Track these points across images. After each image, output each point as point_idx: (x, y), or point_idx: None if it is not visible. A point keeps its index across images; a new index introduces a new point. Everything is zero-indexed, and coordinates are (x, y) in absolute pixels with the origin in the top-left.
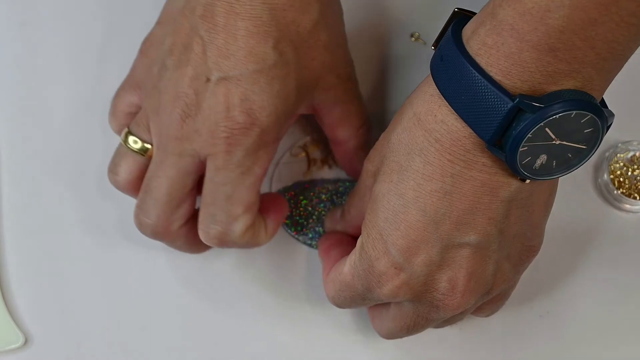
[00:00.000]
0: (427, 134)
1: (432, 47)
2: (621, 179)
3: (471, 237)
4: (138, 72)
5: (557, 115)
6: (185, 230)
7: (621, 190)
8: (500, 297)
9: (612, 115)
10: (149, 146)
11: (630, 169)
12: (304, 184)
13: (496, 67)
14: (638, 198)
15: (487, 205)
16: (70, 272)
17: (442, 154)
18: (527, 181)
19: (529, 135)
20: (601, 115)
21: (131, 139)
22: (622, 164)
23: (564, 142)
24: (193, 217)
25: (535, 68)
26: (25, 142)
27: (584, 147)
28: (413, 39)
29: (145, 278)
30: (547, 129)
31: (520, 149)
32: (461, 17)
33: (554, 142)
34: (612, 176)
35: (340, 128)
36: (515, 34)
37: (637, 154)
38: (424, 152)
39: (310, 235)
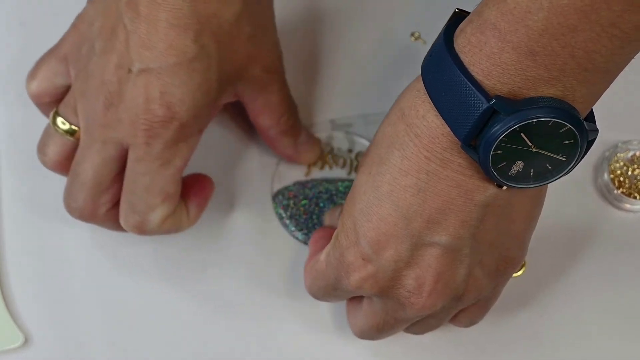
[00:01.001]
0: (408, 128)
1: None
2: (621, 179)
3: (442, 237)
4: (68, 45)
5: (533, 121)
6: (112, 214)
7: (621, 189)
8: (480, 307)
9: (595, 130)
10: (76, 128)
11: (630, 169)
12: (304, 184)
13: (478, 66)
14: (638, 198)
15: (461, 207)
16: (70, 272)
17: (420, 150)
18: (504, 188)
19: (503, 137)
20: (581, 128)
21: (59, 120)
22: (622, 163)
23: (541, 151)
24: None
25: (515, 71)
26: (25, 142)
27: (564, 159)
28: (413, 38)
29: (146, 278)
30: (522, 134)
31: (494, 152)
32: (459, 18)
33: (530, 149)
34: (612, 176)
35: (262, 117)
36: (497, 34)
37: (637, 154)
38: (403, 146)
39: (310, 235)
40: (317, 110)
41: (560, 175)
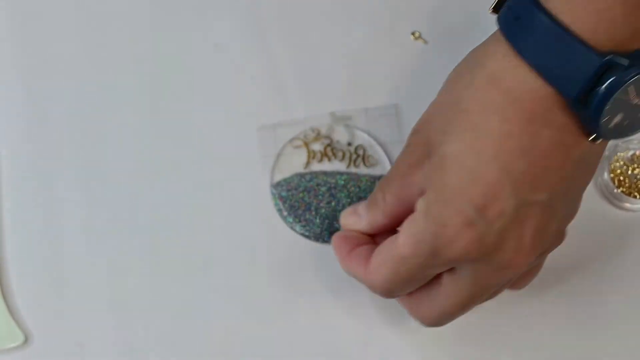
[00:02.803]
0: (504, 93)
1: (491, 12)
2: (621, 178)
3: (543, 194)
4: None
5: None
6: None
7: (621, 189)
8: (539, 263)
9: None
10: None
11: (630, 168)
12: (303, 176)
13: (581, 24)
14: (638, 197)
15: (561, 164)
16: (70, 271)
17: (522, 113)
18: (599, 142)
19: (616, 92)
20: None
21: None
22: (622, 162)
23: None
24: None
25: (622, 25)
26: (25, 142)
27: None
28: (413, 38)
29: (146, 278)
30: (630, 87)
31: (605, 107)
32: None
33: (632, 101)
34: (612, 175)
35: None
36: None
37: (637, 153)
38: (501, 111)
39: (307, 227)
40: (317, 103)
41: None
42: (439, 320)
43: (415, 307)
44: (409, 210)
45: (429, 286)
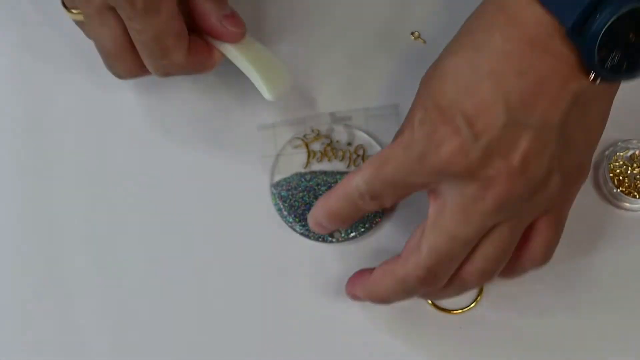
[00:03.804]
0: (509, 18)
1: None
2: (621, 178)
3: (535, 119)
4: None
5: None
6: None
7: (621, 188)
8: (549, 223)
9: None
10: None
11: (629, 168)
12: (302, 175)
13: None
14: (637, 196)
15: (556, 92)
16: (70, 271)
17: (524, 34)
18: (597, 82)
19: (609, 23)
20: None
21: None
22: (621, 162)
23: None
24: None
25: None
26: (25, 140)
27: None
28: (413, 38)
29: (146, 278)
30: (627, 21)
31: (600, 38)
32: None
33: (630, 38)
34: (611, 174)
35: None
36: None
37: (637, 153)
38: (505, 31)
39: (308, 227)
40: (317, 103)
41: None
42: (430, 261)
43: (403, 262)
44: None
45: (413, 237)
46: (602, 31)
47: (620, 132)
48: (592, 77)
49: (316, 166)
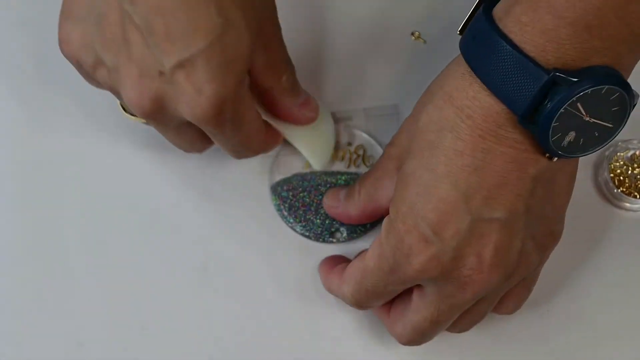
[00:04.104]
0: (458, 110)
1: (458, 33)
2: (621, 178)
3: (500, 212)
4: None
5: (589, 90)
6: None
7: (621, 188)
8: (523, 288)
9: (637, 95)
10: None
11: (630, 168)
12: (303, 176)
13: (530, 43)
14: (638, 197)
15: (516, 181)
16: (70, 270)
17: (474, 130)
18: (555, 159)
19: (562, 110)
20: (630, 92)
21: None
22: (622, 162)
23: (594, 120)
24: None
25: (570, 45)
26: (25, 140)
27: (611, 126)
28: (413, 38)
29: (146, 278)
30: (578, 104)
31: (553, 124)
32: (488, 2)
33: (584, 118)
34: (612, 175)
35: (264, 76)
36: (552, 11)
37: (637, 153)
38: (456, 128)
39: (308, 227)
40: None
41: (606, 143)
42: (412, 336)
43: (390, 323)
44: (379, 210)
45: (402, 302)
46: (555, 117)
47: (621, 132)
48: (548, 156)
49: None
